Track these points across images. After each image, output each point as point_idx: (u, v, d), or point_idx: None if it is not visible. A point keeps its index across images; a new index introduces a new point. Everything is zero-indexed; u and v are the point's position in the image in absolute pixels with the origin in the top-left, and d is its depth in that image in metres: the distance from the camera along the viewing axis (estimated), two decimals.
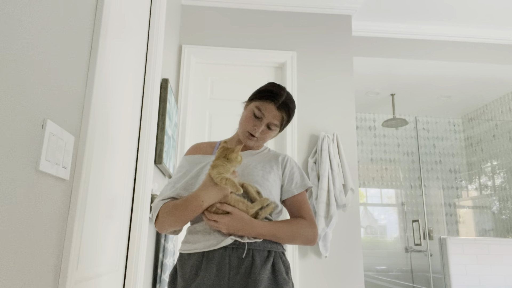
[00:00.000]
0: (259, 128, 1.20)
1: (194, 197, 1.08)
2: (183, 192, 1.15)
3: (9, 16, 0.68)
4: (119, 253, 1.46)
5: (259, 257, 1.08)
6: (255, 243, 1.09)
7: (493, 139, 4.33)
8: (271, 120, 1.20)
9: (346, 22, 2.90)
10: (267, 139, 1.25)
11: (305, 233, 1.17)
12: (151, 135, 1.73)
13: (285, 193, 1.23)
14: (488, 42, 3.28)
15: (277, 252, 1.13)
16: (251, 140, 1.23)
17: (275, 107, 1.19)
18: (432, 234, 4.17)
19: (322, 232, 2.36)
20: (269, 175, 1.20)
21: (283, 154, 1.31)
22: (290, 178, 1.24)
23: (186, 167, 1.24)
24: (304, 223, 1.18)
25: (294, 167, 1.27)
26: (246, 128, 1.22)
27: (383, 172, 4.76)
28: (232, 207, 1.08)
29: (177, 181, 1.21)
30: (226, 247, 1.07)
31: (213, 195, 1.07)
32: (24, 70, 0.73)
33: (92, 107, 1.02)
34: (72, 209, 0.95)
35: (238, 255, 1.07)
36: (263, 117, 1.20)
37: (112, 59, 1.29)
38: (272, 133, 1.24)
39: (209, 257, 1.07)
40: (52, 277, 0.88)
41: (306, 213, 1.21)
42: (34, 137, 0.77)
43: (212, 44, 2.77)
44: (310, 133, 2.65)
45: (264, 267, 1.06)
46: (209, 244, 1.08)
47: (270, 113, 1.19)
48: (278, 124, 1.22)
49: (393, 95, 4.17)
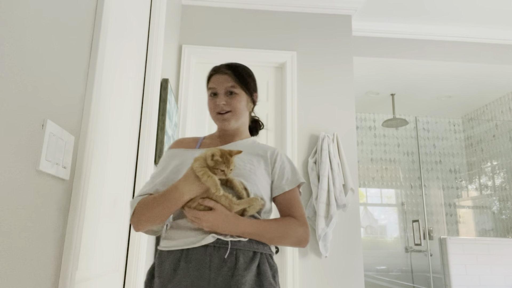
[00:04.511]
0: (220, 101, 1.15)
1: (174, 189, 1.00)
2: (162, 188, 1.07)
3: (9, 16, 0.68)
4: (119, 253, 1.46)
5: (243, 257, 0.99)
6: (239, 242, 1.00)
7: (493, 139, 4.33)
8: (225, 86, 1.17)
9: (346, 22, 2.90)
10: (239, 108, 1.18)
11: (295, 234, 1.07)
12: (151, 135, 1.73)
13: (275, 189, 1.13)
14: (488, 42, 3.28)
15: (264, 253, 1.03)
16: (224, 119, 1.17)
17: (220, 74, 1.18)
18: (432, 234, 4.17)
19: (322, 232, 2.36)
20: (257, 170, 1.11)
21: (272, 147, 1.22)
22: (280, 173, 1.15)
23: (167, 161, 1.16)
24: (295, 223, 1.08)
25: (285, 161, 1.18)
26: (212, 111, 1.18)
27: (383, 172, 4.76)
28: (215, 203, 0.99)
29: (156, 176, 1.13)
30: (207, 245, 0.99)
31: (194, 188, 0.98)
32: (24, 70, 0.73)
33: (92, 107, 1.02)
34: (72, 209, 0.95)
35: (220, 255, 0.98)
36: (216, 90, 1.17)
37: (112, 59, 1.29)
38: (239, 98, 1.18)
39: (188, 256, 0.98)
40: (53, 277, 0.88)
41: (297, 212, 1.12)
42: (34, 137, 0.77)
43: (212, 44, 2.77)
44: (310, 133, 2.65)
45: (249, 268, 0.97)
46: (188, 242, 1.00)
47: (218, 81, 1.17)
48: (236, 85, 1.17)
49: (393, 95, 4.17)
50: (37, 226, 0.80)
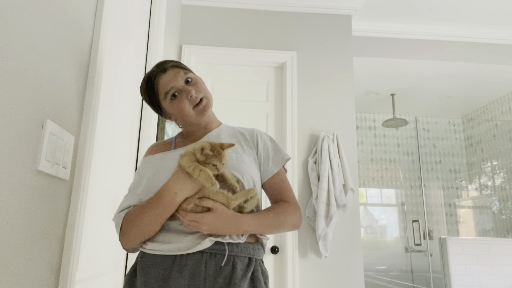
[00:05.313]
0: (191, 90, 1.03)
1: (165, 191, 0.89)
2: (145, 197, 0.95)
3: (9, 16, 0.68)
4: (119, 253, 1.46)
5: (240, 265, 0.91)
6: (237, 247, 0.92)
7: (493, 139, 4.33)
8: (180, 78, 1.04)
9: (346, 22, 2.90)
10: (208, 92, 1.08)
11: (292, 220, 1.03)
12: (151, 135, 1.73)
13: (263, 174, 1.06)
14: (488, 42, 3.28)
15: (257, 259, 0.97)
16: (203, 108, 1.05)
17: (166, 72, 1.04)
18: (432, 234, 4.17)
19: (322, 232, 2.36)
20: (244, 157, 1.02)
21: (248, 129, 1.12)
22: (265, 156, 1.07)
23: (144, 169, 1.04)
24: (290, 209, 1.04)
25: (267, 141, 1.10)
26: (187, 109, 1.03)
27: (383, 172, 4.76)
28: (213, 202, 0.90)
29: (135, 187, 1.01)
30: (202, 251, 0.89)
31: (188, 185, 0.89)
32: (24, 70, 0.73)
33: (92, 107, 1.02)
34: (72, 209, 0.95)
35: (216, 262, 0.89)
36: (176, 87, 1.03)
37: (112, 59, 1.29)
38: (200, 80, 1.08)
39: (181, 263, 0.88)
40: (53, 277, 0.88)
41: (288, 195, 1.06)
42: (34, 137, 0.77)
43: (212, 44, 2.77)
44: (310, 133, 2.65)
45: (245, 278, 0.90)
46: (182, 247, 0.89)
47: (171, 79, 1.04)
48: (187, 71, 1.07)
49: (393, 95, 4.17)
50: (37, 226, 0.80)
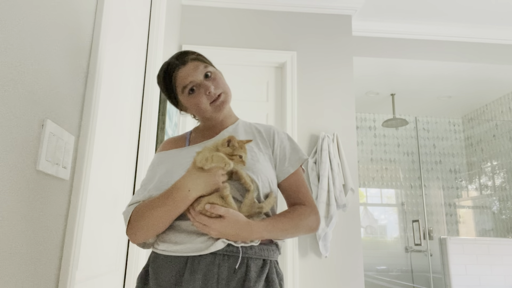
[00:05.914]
0: (210, 86, 1.01)
1: (177, 186, 0.88)
2: (156, 193, 0.94)
3: (9, 16, 0.68)
4: (119, 253, 1.46)
5: (254, 267, 0.89)
6: (251, 249, 0.90)
7: (493, 139, 4.33)
8: (199, 72, 1.01)
9: (346, 22, 2.90)
10: (227, 87, 1.06)
11: (307, 223, 0.98)
12: (151, 135, 1.73)
13: (279, 174, 1.03)
14: (488, 42, 3.28)
15: (272, 261, 0.95)
16: (221, 104, 1.02)
17: (186, 65, 1.02)
18: (432, 234, 4.17)
19: (322, 232, 2.36)
20: (259, 157, 0.99)
21: (266, 125, 1.09)
22: (282, 155, 1.04)
23: (157, 164, 1.03)
24: (306, 212, 0.99)
25: (284, 140, 1.07)
26: (204, 105, 1.01)
27: (383, 172, 4.76)
28: (225, 209, 0.87)
29: (148, 182, 1.00)
30: (215, 253, 0.87)
31: (201, 183, 0.87)
32: (24, 70, 0.73)
33: (92, 107, 1.02)
34: (72, 209, 0.95)
35: (229, 265, 0.87)
36: (195, 81, 1.01)
37: (112, 59, 1.29)
38: (220, 75, 1.06)
39: (194, 265, 0.86)
40: (53, 277, 0.88)
41: (305, 196, 1.02)
42: (34, 137, 0.77)
43: (212, 44, 2.77)
44: (310, 133, 2.65)
45: (259, 280, 0.88)
46: (195, 248, 0.87)
47: (189, 72, 1.01)
48: (207, 65, 1.05)
49: (393, 95, 4.17)
50: (37, 226, 0.80)
